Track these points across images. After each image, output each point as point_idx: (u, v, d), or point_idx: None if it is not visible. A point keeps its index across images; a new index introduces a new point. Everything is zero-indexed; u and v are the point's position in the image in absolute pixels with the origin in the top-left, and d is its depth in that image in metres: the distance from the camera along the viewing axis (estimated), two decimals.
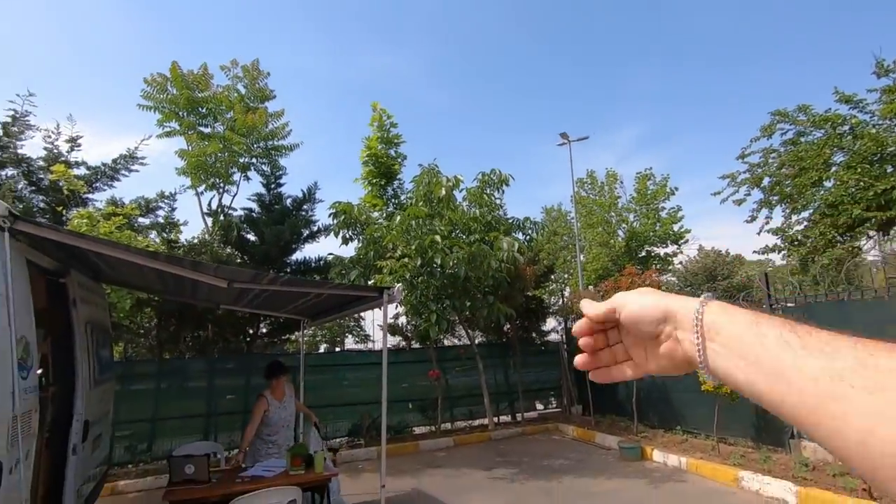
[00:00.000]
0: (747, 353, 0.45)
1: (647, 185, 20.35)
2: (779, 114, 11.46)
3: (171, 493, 3.84)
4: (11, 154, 7.62)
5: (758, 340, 0.45)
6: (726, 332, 0.48)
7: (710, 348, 0.50)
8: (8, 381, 2.62)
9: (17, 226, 2.84)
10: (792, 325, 0.45)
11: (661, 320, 0.55)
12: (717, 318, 0.50)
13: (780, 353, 0.42)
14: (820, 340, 0.41)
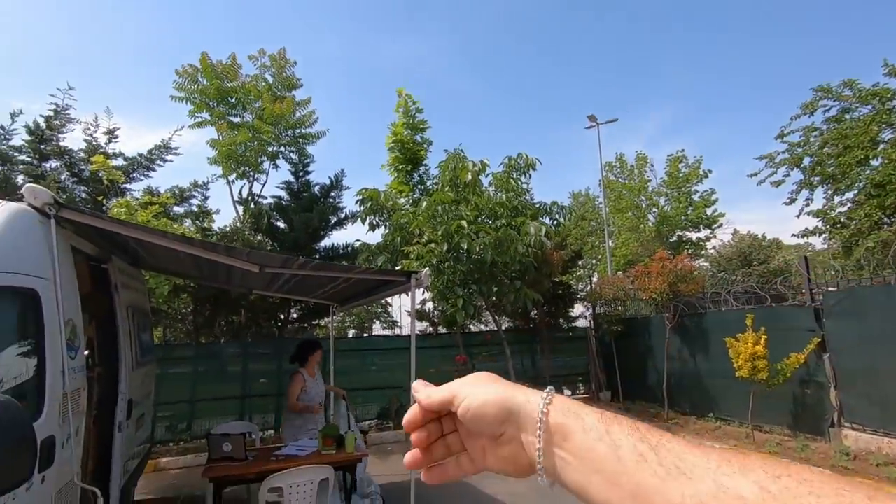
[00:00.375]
0: (603, 468, 0.41)
1: (679, 168, 19.77)
2: (822, 89, 10.91)
3: (210, 469, 4.00)
4: (55, 146, 7.95)
5: (613, 453, 0.41)
6: (577, 440, 0.43)
7: (558, 457, 0.44)
8: (58, 361, 2.75)
9: (62, 213, 2.95)
10: (641, 432, 0.41)
11: (502, 420, 0.48)
12: (565, 421, 0.45)
13: (639, 473, 0.39)
14: (674, 455, 0.38)
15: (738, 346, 6.56)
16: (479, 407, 0.49)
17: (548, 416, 0.45)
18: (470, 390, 0.51)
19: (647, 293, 8.50)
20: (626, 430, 0.42)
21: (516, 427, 0.48)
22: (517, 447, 0.49)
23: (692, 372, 8.43)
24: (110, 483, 3.85)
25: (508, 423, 0.48)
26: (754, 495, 0.33)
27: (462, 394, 0.51)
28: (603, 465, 0.41)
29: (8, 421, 1.79)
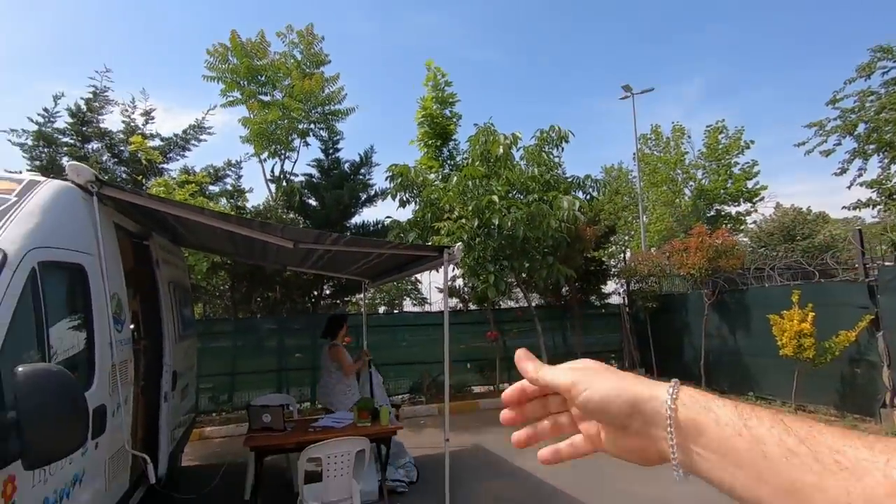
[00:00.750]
0: (746, 464, 0.39)
1: (719, 140, 18.89)
2: (881, 50, 10.12)
3: (251, 438, 4.14)
4: (95, 128, 8.18)
5: (755, 448, 0.38)
6: (712, 434, 0.41)
7: (693, 452, 0.43)
8: (106, 334, 2.85)
9: (104, 191, 3.01)
10: (785, 424, 0.38)
11: (627, 414, 0.47)
12: (696, 417, 0.43)
13: (792, 470, 0.36)
14: (829, 447, 0.35)
15: (783, 323, 6.30)
16: (601, 399, 0.48)
17: (676, 411, 0.44)
18: (590, 381, 0.50)
19: (684, 269, 8.23)
20: (768, 423, 0.39)
21: (643, 422, 0.46)
22: (645, 441, 0.47)
23: (731, 349, 8.18)
24: (158, 450, 4.03)
25: (634, 417, 0.47)
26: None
27: (582, 383, 0.50)
28: (746, 461, 0.39)
29: (62, 390, 1.85)
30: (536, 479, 5.28)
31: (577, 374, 0.51)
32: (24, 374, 1.79)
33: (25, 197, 2.45)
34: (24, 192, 2.48)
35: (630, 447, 0.49)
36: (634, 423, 0.47)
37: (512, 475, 5.46)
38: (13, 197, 2.42)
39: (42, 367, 1.87)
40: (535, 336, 9.85)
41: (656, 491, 4.73)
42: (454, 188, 7.67)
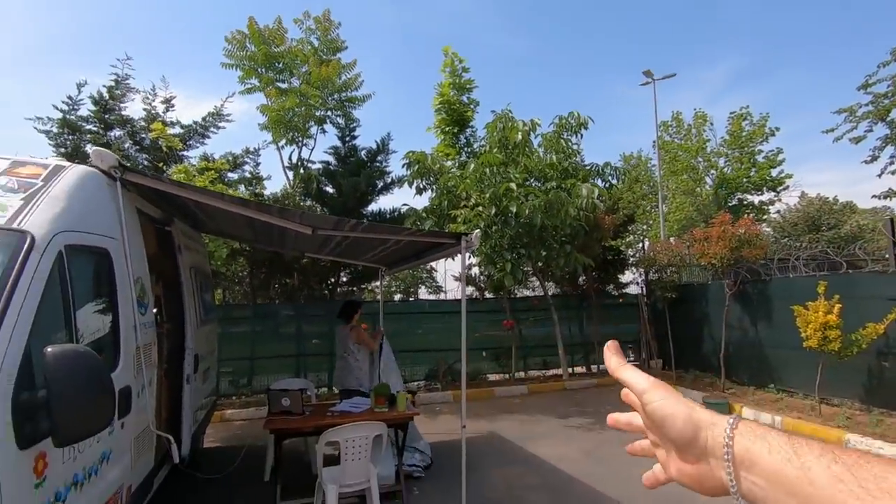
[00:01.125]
0: (796, 491, 0.40)
1: (742, 127, 18.41)
2: None
3: (270, 421, 4.21)
4: (117, 116, 8.30)
5: (804, 475, 0.40)
6: (764, 463, 0.43)
7: (748, 480, 0.44)
8: (130, 317, 2.90)
9: (127, 176, 3.04)
10: (835, 453, 0.40)
11: (688, 437, 0.49)
12: (752, 447, 0.45)
13: (837, 496, 0.37)
14: (874, 475, 0.37)
15: (808, 314, 6.15)
16: (669, 414, 0.50)
17: (734, 440, 0.46)
18: (663, 395, 0.52)
19: (705, 258, 8.07)
20: (817, 452, 0.41)
21: (702, 448, 0.48)
22: (703, 468, 0.49)
23: (752, 341, 8.03)
24: (181, 431, 4.12)
25: (695, 442, 0.49)
26: None
27: (656, 394, 0.52)
28: (795, 488, 0.40)
29: (89, 371, 1.88)
30: (551, 466, 5.29)
31: (654, 383, 0.54)
32: (53, 354, 1.83)
33: (51, 181, 2.49)
34: (50, 177, 2.52)
35: (690, 472, 0.51)
36: (695, 448, 0.49)
37: (526, 462, 5.47)
38: (39, 181, 2.46)
39: (70, 348, 1.91)
40: (551, 325, 9.81)
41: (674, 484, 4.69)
42: (471, 175, 7.62)
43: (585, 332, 10.81)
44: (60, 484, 2.04)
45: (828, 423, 5.99)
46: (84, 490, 2.26)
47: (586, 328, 10.80)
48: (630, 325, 11.11)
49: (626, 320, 11.13)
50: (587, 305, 10.74)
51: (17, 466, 1.75)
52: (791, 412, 6.60)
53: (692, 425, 0.49)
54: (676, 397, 0.52)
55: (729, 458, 0.45)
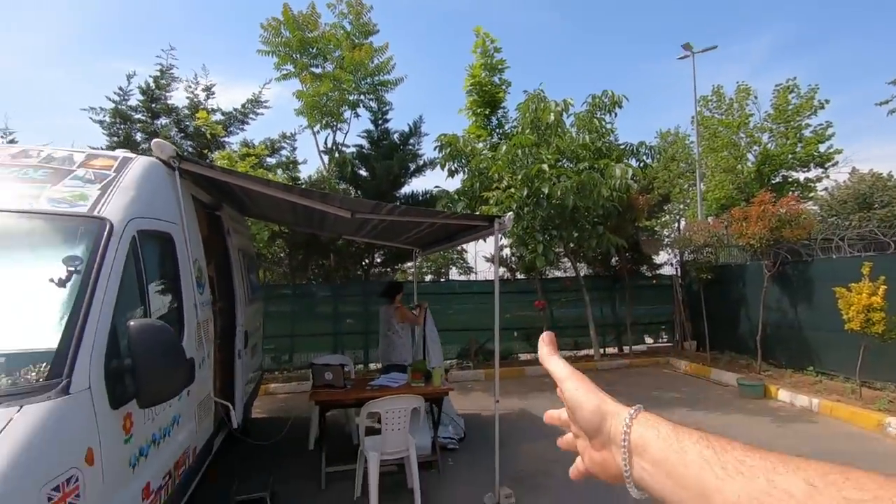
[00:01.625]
0: (673, 473, 0.44)
1: (789, 100, 17.49)
2: None
3: (315, 394, 4.50)
4: (163, 105, 8.70)
5: (680, 459, 0.44)
6: (653, 449, 0.47)
7: (639, 466, 0.48)
8: (191, 295, 3.17)
9: (183, 165, 3.29)
10: (709, 440, 0.44)
11: (596, 426, 0.53)
12: (645, 433, 0.48)
13: (702, 473, 0.42)
14: (736, 458, 0.41)
15: (850, 296, 6.00)
16: (580, 401, 0.55)
17: (631, 428, 0.49)
18: (579, 386, 0.56)
19: (744, 239, 7.89)
20: (695, 439, 0.45)
21: (607, 436, 0.52)
22: (607, 455, 0.53)
23: (791, 323, 7.87)
24: (234, 400, 4.46)
25: (601, 429, 0.53)
26: (801, 491, 0.36)
27: (573, 383, 0.57)
28: (673, 470, 0.44)
29: (167, 342, 2.13)
30: None
31: (570, 373, 0.58)
32: (135, 327, 2.08)
33: (122, 172, 2.74)
34: (120, 168, 2.77)
35: (598, 460, 0.55)
36: (601, 436, 0.53)
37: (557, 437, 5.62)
38: (112, 172, 2.71)
39: (150, 322, 2.16)
40: (582, 306, 9.85)
41: None
42: (503, 157, 7.65)
43: (618, 314, 10.79)
44: (143, 441, 2.32)
45: (868, 406, 5.89)
46: (161, 448, 2.55)
47: (619, 309, 10.77)
48: (663, 307, 11.01)
49: (660, 301, 11.03)
50: (619, 286, 10.69)
51: (111, 423, 2.02)
52: (829, 395, 6.50)
53: (599, 415, 0.53)
54: (589, 388, 0.56)
55: (626, 444, 0.49)
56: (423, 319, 5.71)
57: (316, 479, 4.37)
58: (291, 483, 4.40)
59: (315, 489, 4.28)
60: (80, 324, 1.95)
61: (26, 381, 1.77)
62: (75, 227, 2.32)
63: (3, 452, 1.50)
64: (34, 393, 1.72)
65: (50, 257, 2.23)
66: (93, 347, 1.95)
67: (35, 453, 1.59)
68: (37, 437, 1.61)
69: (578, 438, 0.59)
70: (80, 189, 2.52)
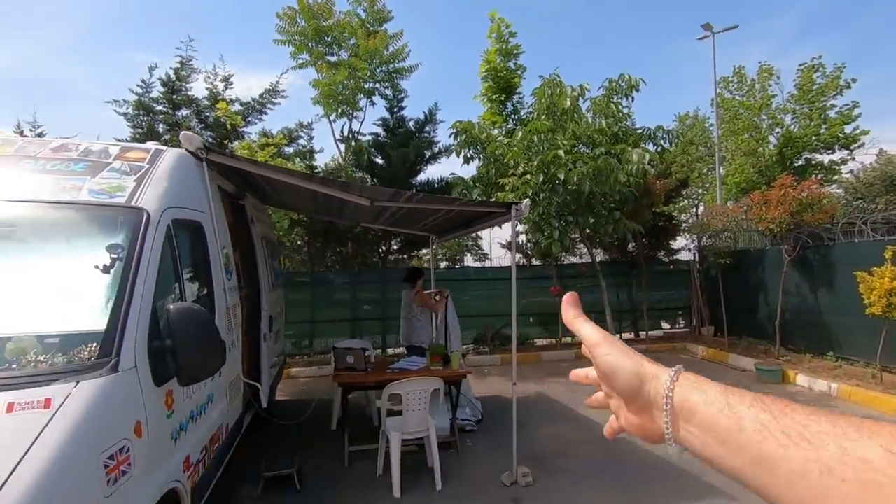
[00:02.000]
0: (726, 439, 0.42)
1: (813, 79, 16.98)
2: None
3: (338, 376, 4.65)
4: (184, 96, 8.87)
5: (733, 424, 0.42)
6: (701, 414, 0.45)
7: (685, 430, 0.47)
8: (221, 281, 3.31)
9: (210, 156, 3.41)
10: (764, 402, 0.42)
11: (634, 389, 0.52)
12: (690, 396, 0.47)
13: (763, 443, 0.39)
14: (798, 423, 0.39)
15: (872, 280, 5.93)
16: (616, 366, 0.53)
17: (673, 391, 0.48)
18: (613, 349, 0.54)
19: (763, 223, 7.80)
20: (748, 402, 0.43)
21: (646, 399, 0.51)
22: (646, 418, 0.52)
23: (811, 308, 7.80)
24: (261, 382, 4.64)
25: (640, 392, 0.51)
26: (878, 457, 0.34)
27: (606, 347, 0.55)
28: (727, 436, 0.42)
29: (204, 324, 2.26)
30: (598, 424, 5.47)
31: (604, 337, 0.56)
32: (175, 310, 2.21)
33: (155, 164, 2.87)
34: (153, 160, 2.90)
35: (635, 422, 0.54)
36: (639, 399, 0.51)
37: (574, 420, 5.72)
38: (146, 164, 2.84)
39: (188, 305, 2.30)
40: (598, 292, 9.86)
41: None
42: (519, 143, 7.65)
43: (634, 299, 10.78)
44: (183, 417, 2.48)
45: (889, 391, 5.85)
46: (198, 424, 2.71)
47: (635, 295, 10.76)
48: (681, 292, 10.97)
49: (677, 287, 10.98)
50: (636, 272, 10.66)
51: (155, 399, 2.17)
52: (849, 380, 6.47)
53: (637, 378, 0.51)
54: (625, 351, 0.54)
55: (668, 407, 0.47)
56: (443, 307, 5.83)
57: (339, 458, 4.55)
58: (316, 461, 4.58)
59: (339, 467, 4.46)
60: (124, 307, 2.09)
61: (80, 360, 1.91)
62: (115, 217, 2.46)
63: (67, 423, 1.64)
64: (88, 370, 1.86)
65: (94, 245, 2.37)
66: (137, 329, 2.09)
67: (93, 424, 1.74)
68: (93, 410, 1.76)
69: (611, 398, 0.58)
70: (117, 181, 2.65)
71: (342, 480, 4.22)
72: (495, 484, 4.07)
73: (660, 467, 4.30)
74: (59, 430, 1.62)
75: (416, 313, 5.85)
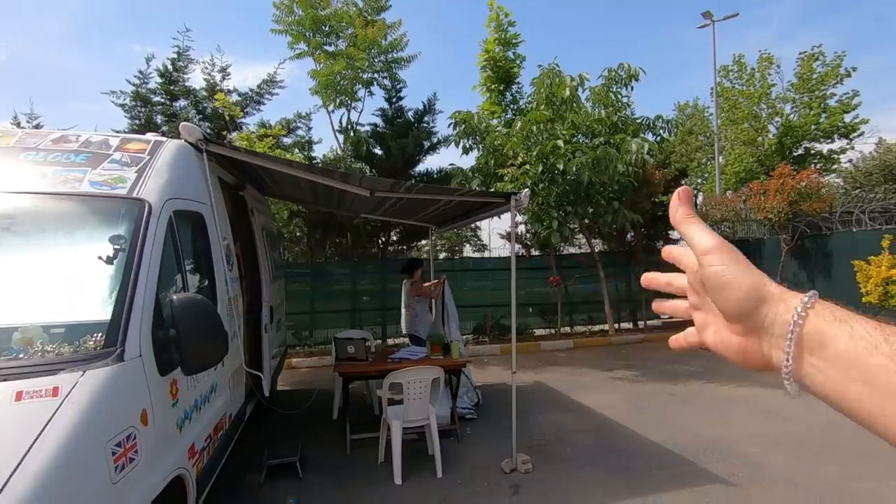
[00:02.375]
0: (876, 381, 0.36)
1: (813, 68, 16.90)
2: None
3: (339, 366, 4.69)
4: (182, 87, 8.82)
5: (892, 364, 0.35)
6: (840, 346, 0.38)
7: (808, 363, 0.40)
8: (222, 272, 3.33)
9: (210, 147, 3.40)
10: None
11: (750, 309, 0.44)
12: (827, 329, 0.39)
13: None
14: None
15: (869, 269, 5.98)
16: (729, 281, 0.45)
17: (806, 319, 0.41)
18: (726, 260, 0.46)
19: (762, 213, 7.84)
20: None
21: (761, 322, 0.44)
22: (752, 343, 0.45)
23: None
24: (263, 372, 4.68)
25: (754, 314, 0.44)
26: None
27: (721, 258, 0.46)
28: (879, 378, 0.36)
29: (208, 314, 2.29)
30: (596, 413, 5.57)
31: (720, 245, 0.47)
32: (178, 300, 2.23)
33: (155, 155, 2.87)
34: (153, 151, 2.90)
35: (734, 344, 0.47)
36: (751, 321, 0.44)
37: (572, 409, 5.79)
38: (146, 155, 2.85)
39: (192, 296, 2.32)
40: (596, 282, 9.91)
41: (718, 430, 4.88)
42: (518, 133, 7.64)
43: (633, 289, 10.83)
44: (187, 406, 2.51)
45: None
46: (202, 412, 2.74)
47: (633, 284, 10.80)
48: None
49: None
50: (635, 262, 10.70)
51: (160, 388, 2.19)
52: None
53: (755, 298, 0.43)
54: (745, 264, 0.45)
55: (792, 336, 0.40)
56: (440, 293, 5.90)
57: (341, 447, 4.60)
58: (318, 450, 4.63)
59: (341, 455, 4.51)
60: (129, 297, 2.11)
61: (86, 349, 1.94)
62: (117, 209, 2.47)
63: (74, 411, 1.67)
64: (94, 360, 1.88)
65: (96, 237, 2.38)
66: (141, 319, 2.11)
67: (100, 412, 1.77)
68: (100, 398, 1.79)
69: (699, 311, 0.52)
70: (118, 172, 2.66)
71: (344, 468, 4.28)
72: (495, 471, 4.13)
73: (658, 454, 4.36)
74: (67, 417, 1.64)
75: (413, 303, 5.98)
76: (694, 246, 0.49)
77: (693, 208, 0.51)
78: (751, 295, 0.44)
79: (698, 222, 0.50)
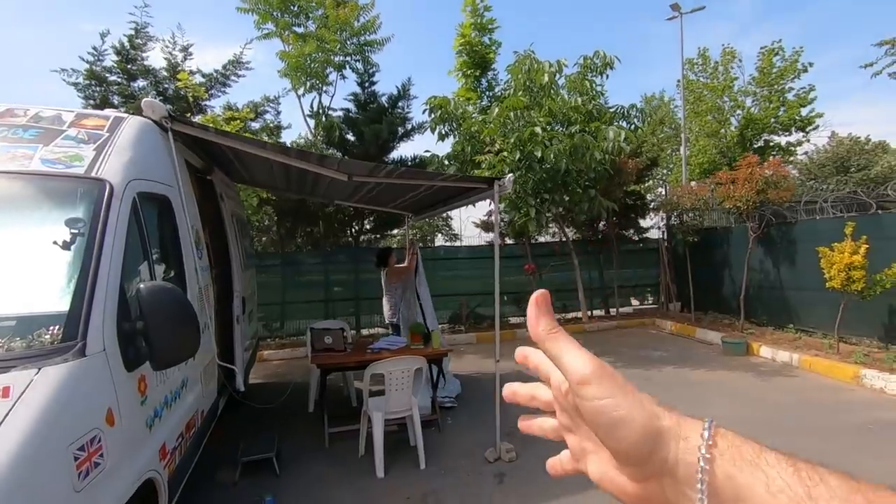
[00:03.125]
0: None
1: (773, 63, 17.46)
2: None
3: (316, 357, 4.52)
4: (140, 66, 8.29)
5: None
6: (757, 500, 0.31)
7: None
8: (192, 260, 3.11)
9: (175, 126, 3.16)
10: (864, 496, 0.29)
11: (646, 453, 0.35)
12: (739, 476, 0.32)
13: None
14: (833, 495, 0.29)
15: (833, 255, 6.19)
16: (619, 420, 0.35)
17: (713, 463, 0.33)
18: (611, 391, 0.36)
19: (730, 201, 8.02)
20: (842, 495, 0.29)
21: (661, 467, 0.35)
22: (653, 488, 0.36)
23: (773, 283, 8.12)
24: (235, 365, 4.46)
25: (651, 460, 0.35)
26: None
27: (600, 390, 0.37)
28: None
29: (179, 304, 2.10)
30: None
31: (599, 372, 0.37)
32: (146, 290, 2.04)
33: (115, 132, 2.62)
34: (113, 128, 2.65)
35: (631, 492, 0.38)
36: (651, 465, 0.35)
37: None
38: (105, 132, 2.60)
39: (160, 284, 2.12)
40: (570, 270, 9.99)
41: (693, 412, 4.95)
42: (495, 120, 7.53)
43: (606, 276, 10.98)
44: (157, 403, 2.32)
45: (845, 360, 6.17)
46: (173, 410, 2.56)
47: (607, 272, 10.96)
48: (650, 270, 11.26)
49: (646, 265, 11.26)
50: (607, 250, 10.84)
51: (127, 386, 2.00)
52: (809, 350, 6.79)
53: (652, 438, 0.35)
54: (632, 394, 0.37)
55: (703, 487, 0.33)
56: (414, 264, 6.07)
57: (319, 440, 4.46)
58: (295, 444, 4.47)
59: (318, 449, 4.37)
60: (89, 286, 1.91)
61: (41, 344, 1.73)
62: (74, 189, 2.24)
63: (29, 414, 1.48)
64: (51, 355, 1.69)
65: (50, 220, 2.15)
66: (104, 310, 1.92)
67: (59, 414, 1.58)
68: (59, 399, 1.60)
69: (571, 434, 0.43)
70: (74, 149, 2.41)
71: (323, 462, 4.14)
72: (479, 460, 4.08)
73: None
74: (20, 421, 1.46)
75: (391, 290, 5.99)
76: (566, 371, 0.39)
77: (553, 318, 0.41)
78: (648, 434, 0.35)
79: (566, 339, 0.40)
